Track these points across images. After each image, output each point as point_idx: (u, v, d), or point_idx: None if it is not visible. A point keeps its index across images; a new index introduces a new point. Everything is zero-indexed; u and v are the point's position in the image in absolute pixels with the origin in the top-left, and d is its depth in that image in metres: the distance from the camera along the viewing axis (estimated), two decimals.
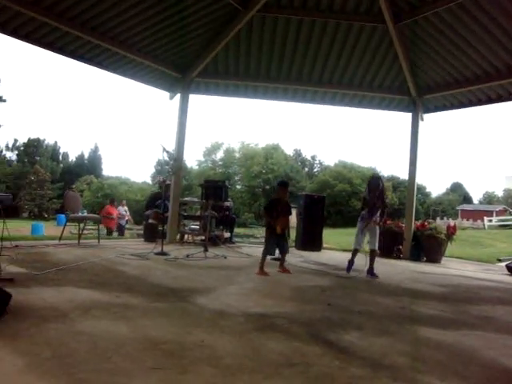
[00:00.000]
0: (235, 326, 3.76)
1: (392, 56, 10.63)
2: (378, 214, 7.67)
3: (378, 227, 7.75)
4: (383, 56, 10.72)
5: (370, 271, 7.52)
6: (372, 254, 7.64)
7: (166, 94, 11.37)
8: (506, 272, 9.50)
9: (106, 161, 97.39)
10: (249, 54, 10.79)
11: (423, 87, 11.24)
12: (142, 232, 12.71)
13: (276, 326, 3.87)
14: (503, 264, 10.70)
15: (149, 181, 58.31)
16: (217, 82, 11.62)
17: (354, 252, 7.74)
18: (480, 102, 10.94)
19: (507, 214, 47.43)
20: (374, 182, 7.90)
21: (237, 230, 16.05)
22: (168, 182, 10.09)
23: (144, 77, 10.67)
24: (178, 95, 11.13)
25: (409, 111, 11.69)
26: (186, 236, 11.52)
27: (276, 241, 7.27)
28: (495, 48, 9.12)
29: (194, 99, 14.88)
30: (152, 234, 10.32)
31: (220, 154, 62.61)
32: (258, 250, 7.88)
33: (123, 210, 17.29)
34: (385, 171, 67.54)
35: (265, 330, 3.74)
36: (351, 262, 7.70)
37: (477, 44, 9.25)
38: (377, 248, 7.75)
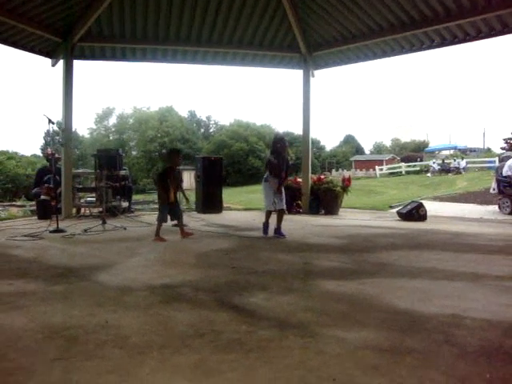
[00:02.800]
0: (140, 301, 3.70)
1: (281, 14, 10.68)
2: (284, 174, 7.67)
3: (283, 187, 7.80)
4: (272, 14, 10.73)
5: (278, 231, 7.56)
6: (280, 214, 7.63)
7: (47, 61, 10.61)
8: (397, 218, 10.15)
9: None
10: (134, 16, 10.26)
11: (313, 44, 11.44)
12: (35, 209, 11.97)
13: (182, 296, 3.86)
14: (394, 210, 11.44)
15: (39, 153, 54.88)
16: (102, 46, 11.02)
17: (268, 214, 7.73)
18: (367, 58, 11.42)
19: (395, 161, 50.55)
20: (282, 144, 7.68)
21: (136, 197, 15.67)
22: (57, 155, 9.53)
23: (19, 42, 9.77)
24: (61, 62, 10.40)
25: (300, 68, 11.87)
26: (82, 209, 11.05)
27: (169, 207, 7.35)
28: (379, 7, 9.52)
29: (81, 65, 14.03)
30: (46, 211, 9.75)
31: (113, 120, 60.41)
32: None
33: None
34: (280, 127, 68.64)
35: (171, 301, 3.71)
36: (266, 224, 7.69)
37: (362, 2, 9.55)
38: (285, 207, 7.77)
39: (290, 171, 8.06)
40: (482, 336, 2.91)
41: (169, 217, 7.48)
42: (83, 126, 66.14)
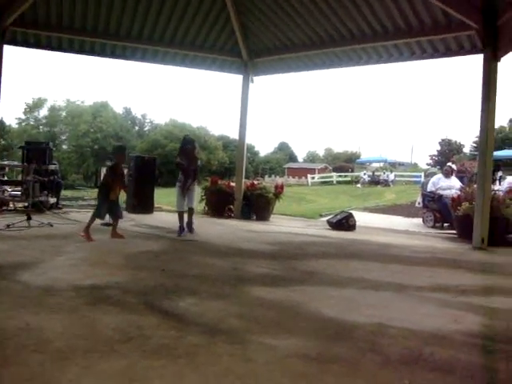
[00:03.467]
0: (65, 303, 3.56)
1: (224, 18, 10.68)
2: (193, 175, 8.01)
3: (195, 186, 8.26)
4: (216, 17, 10.69)
5: (189, 226, 7.91)
6: (190, 212, 7.98)
7: None
8: (328, 227, 10.35)
9: None
10: (73, 6, 9.88)
11: (254, 51, 11.50)
12: None
13: (109, 298, 3.75)
14: (325, 219, 11.66)
15: None
16: (37, 33, 10.50)
17: (180, 215, 7.91)
18: (307, 67, 11.66)
19: (327, 171, 51.81)
20: (189, 145, 8.09)
21: (65, 193, 15.11)
22: None
23: None
24: None
25: (240, 73, 11.90)
26: (6, 203, 10.51)
27: (109, 205, 7.12)
28: (320, 18, 9.71)
29: (12, 50, 13.26)
30: None
31: (44, 112, 58.09)
32: (88, 216, 7.47)
33: None
34: (215, 130, 68.81)
35: (98, 303, 3.59)
36: (181, 227, 7.87)
37: (304, 12, 9.72)
38: (194, 206, 8.21)
39: (198, 172, 8.42)
40: (405, 345, 3.02)
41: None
42: (11, 115, 63.05)
